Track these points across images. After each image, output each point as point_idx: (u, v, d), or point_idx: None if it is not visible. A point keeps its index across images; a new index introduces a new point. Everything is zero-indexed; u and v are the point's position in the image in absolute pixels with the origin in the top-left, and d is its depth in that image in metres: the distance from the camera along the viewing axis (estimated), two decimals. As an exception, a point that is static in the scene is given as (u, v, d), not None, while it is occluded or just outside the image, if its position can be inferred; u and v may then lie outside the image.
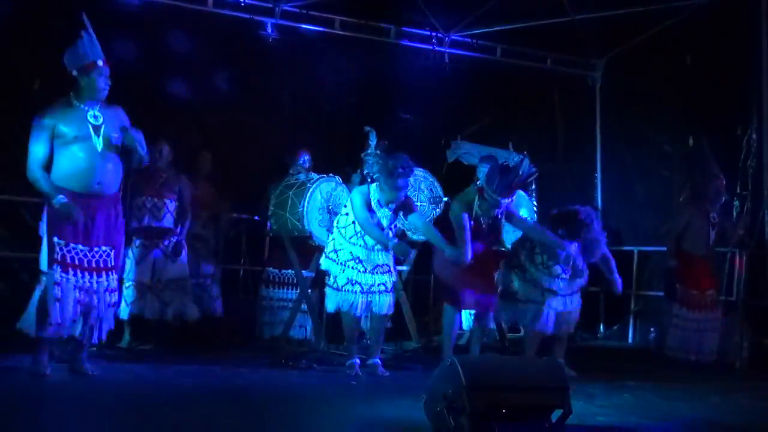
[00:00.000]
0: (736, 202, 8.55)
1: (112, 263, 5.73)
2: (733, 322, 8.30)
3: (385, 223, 6.58)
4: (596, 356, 8.50)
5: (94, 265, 5.64)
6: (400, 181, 6.43)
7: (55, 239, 5.54)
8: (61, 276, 5.52)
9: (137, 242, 7.21)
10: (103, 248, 5.67)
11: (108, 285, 5.70)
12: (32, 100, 7.14)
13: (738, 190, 8.71)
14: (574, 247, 6.85)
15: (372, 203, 6.53)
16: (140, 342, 7.24)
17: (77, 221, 5.50)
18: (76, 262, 5.58)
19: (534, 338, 7.10)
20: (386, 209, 6.56)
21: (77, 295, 5.56)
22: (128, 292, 7.14)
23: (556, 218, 7.03)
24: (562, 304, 7.06)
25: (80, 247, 5.59)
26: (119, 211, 5.79)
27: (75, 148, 5.56)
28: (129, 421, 4.54)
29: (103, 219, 5.66)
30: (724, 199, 8.40)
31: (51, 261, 5.56)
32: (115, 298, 5.80)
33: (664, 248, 9.04)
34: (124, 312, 7.12)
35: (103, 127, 5.64)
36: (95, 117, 5.64)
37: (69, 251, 5.56)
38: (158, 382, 5.80)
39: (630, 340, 10.13)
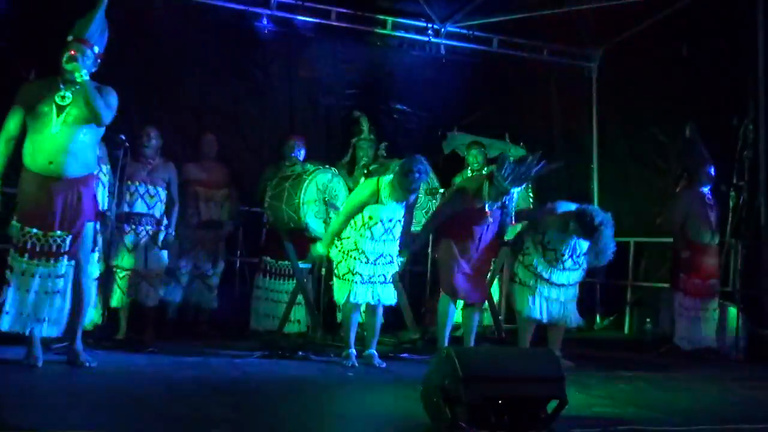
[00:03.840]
0: (732, 193, 8.55)
1: (67, 248, 5.58)
2: (728, 312, 8.32)
3: (394, 217, 6.58)
4: (592, 347, 8.51)
5: (46, 249, 5.52)
6: (414, 184, 6.42)
7: (14, 221, 5.51)
8: (17, 262, 5.49)
9: (126, 228, 7.17)
10: (59, 233, 5.54)
11: (54, 270, 5.56)
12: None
13: (734, 181, 8.72)
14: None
15: (382, 197, 6.52)
16: (136, 333, 7.23)
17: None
18: (37, 248, 5.48)
19: (526, 325, 7.12)
20: (395, 204, 6.55)
21: (31, 284, 5.49)
22: (123, 281, 7.14)
23: (574, 213, 6.95)
24: (555, 292, 7.07)
25: (34, 230, 5.50)
26: (84, 195, 5.60)
27: (34, 125, 5.48)
28: (126, 412, 4.54)
29: (61, 202, 5.52)
30: (714, 182, 8.43)
31: (15, 247, 5.52)
32: (61, 284, 5.60)
33: (661, 239, 9.08)
34: (118, 301, 7.12)
35: (69, 107, 5.50)
36: (64, 97, 5.51)
37: (25, 235, 5.50)
38: (155, 374, 5.80)
39: (626, 331, 10.14)
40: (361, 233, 6.55)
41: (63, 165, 5.49)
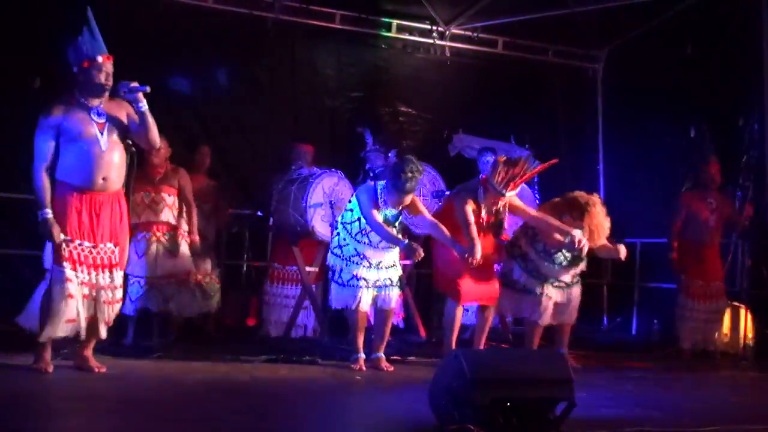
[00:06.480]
0: (739, 193, 8.52)
1: (117, 260, 5.73)
2: (736, 313, 8.30)
3: (391, 219, 6.54)
4: (600, 348, 8.49)
5: (99, 261, 5.64)
6: (407, 185, 6.37)
7: (62, 236, 5.54)
8: (70, 273, 5.53)
9: (139, 236, 7.19)
10: (108, 245, 5.68)
11: (112, 282, 5.71)
12: (33, 99, 7.14)
13: (740, 181, 8.70)
14: (579, 232, 6.78)
15: (378, 201, 6.49)
16: (144, 338, 7.24)
17: (56, 240, 5.48)
18: (82, 258, 5.58)
19: (534, 329, 7.10)
20: (392, 209, 6.53)
21: (84, 291, 5.58)
22: (132, 288, 7.14)
23: (561, 204, 6.98)
24: (561, 295, 7.05)
25: (86, 243, 5.60)
26: (124, 208, 5.77)
27: (80, 144, 5.54)
28: (136, 418, 4.54)
29: (107, 215, 5.66)
30: (719, 183, 8.31)
31: (58, 258, 5.55)
32: (119, 295, 5.79)
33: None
34: (128, 308, 7.13)
35: (107, 124, 5.63)
36: (99, 114, 5.61)
37: (75, 248, 5.57)
38: (163, 379, 5.79)
39: (633, 332, 10.13)
40: (358, 239, 6.54)
41: (113, 180, 5.66)
